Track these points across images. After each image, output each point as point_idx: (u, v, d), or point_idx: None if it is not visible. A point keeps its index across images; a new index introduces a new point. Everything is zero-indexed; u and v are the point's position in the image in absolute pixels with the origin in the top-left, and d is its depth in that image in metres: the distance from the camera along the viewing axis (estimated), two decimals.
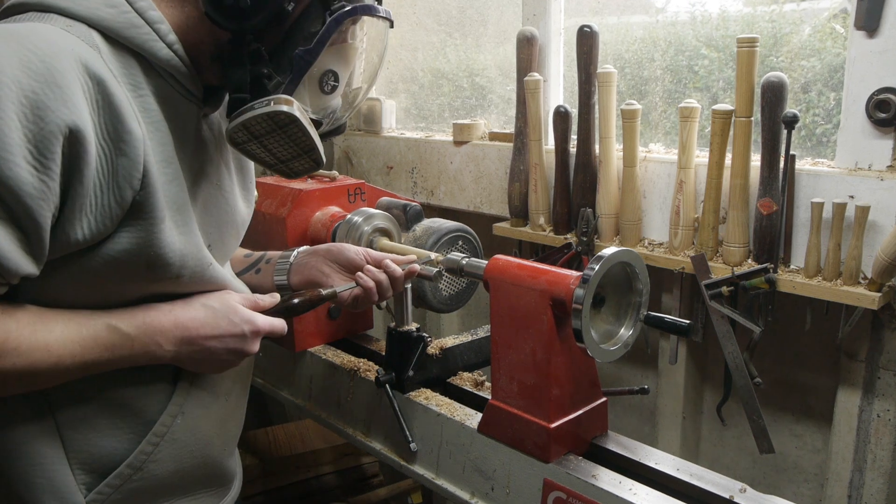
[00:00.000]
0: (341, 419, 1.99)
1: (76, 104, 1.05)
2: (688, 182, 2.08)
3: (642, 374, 2.49)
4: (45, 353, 1.13)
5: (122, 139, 1.11)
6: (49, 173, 1.04)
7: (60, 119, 1.03)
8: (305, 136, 1.27)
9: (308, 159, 1.32)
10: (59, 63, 1.05)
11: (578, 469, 1.45)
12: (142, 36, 1.17)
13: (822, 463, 2.13)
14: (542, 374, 1.46)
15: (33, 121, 1.02)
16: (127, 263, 1.17)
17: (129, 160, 1.12)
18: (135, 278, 1.21)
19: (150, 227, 1.17)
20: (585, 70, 2.27)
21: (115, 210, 1.13)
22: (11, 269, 1.06)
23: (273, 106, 1.22)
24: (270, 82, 1.25)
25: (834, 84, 2.00)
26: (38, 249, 1.09)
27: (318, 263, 1.65)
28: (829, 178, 1.90)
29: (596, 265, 1.36)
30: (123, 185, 1.12)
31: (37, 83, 1.03)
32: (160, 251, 1.19)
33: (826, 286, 1.86)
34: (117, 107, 1.10)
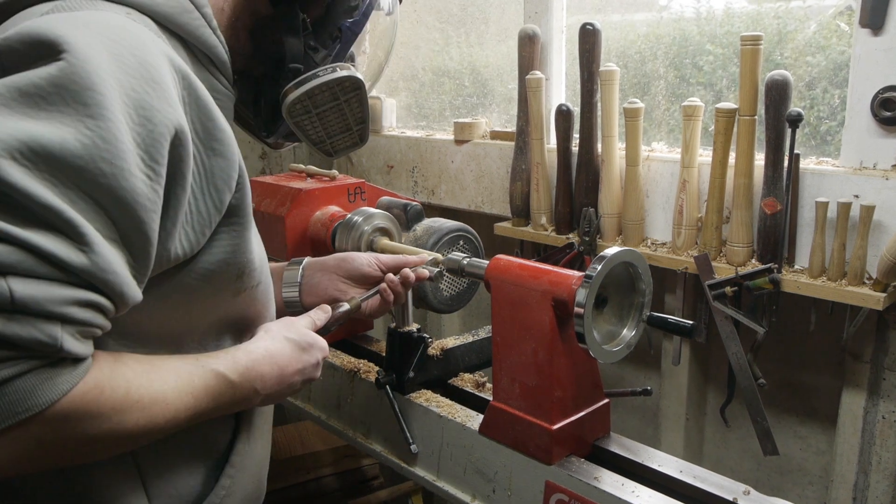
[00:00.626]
0: (341, 421, 1.99)
1: (175, 102, 0.95)
2: (691, 181, 2.08)
3: (645, 375, 2.49)
4: (164, 407, 1.01)
5: (214, 138, 1.02)
6: (160, 180, 0.93)
7: (168, 119, 0.93)
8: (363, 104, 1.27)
9: (355, 134, 1.31)
10: (151, 56, 0.95)
11: (581, 471, 1.45)
12: (194, 21, 1.09)
13: (827, 465, 2.12)
14: (543, 375, 1.46)
15: (140, 122, 0.91)
16: (221, 275, 1.10)
17: (225, 160, 1.03)
18: (223, 292, 1.14)
19: (244, 231, 1.10)
20: (588, 68, 2.27)
21: (213, 216, 1.04)
22: (129, 299, 0.93)
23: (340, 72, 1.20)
24: (317, 55, 1.23)
25: (839, 82, 2.00)
26: (144, 273, 0.96)
27: (334, 282, 1.62)
28: (834, 178, 1.90)
29: (598, 265, 1.36)
30: (222, 187, 1.03)
31: (134, 80, 0.91)
32: (251, 255, 1.13)
33: (830, 286, 1.86)
34: (205, 103, 1.01)
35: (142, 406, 0.98)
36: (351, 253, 1.68)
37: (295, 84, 1.20)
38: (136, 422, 0.97)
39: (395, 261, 1.64)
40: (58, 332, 0.86)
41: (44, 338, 0.84)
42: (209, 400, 1.10)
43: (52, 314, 0.85)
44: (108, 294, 0.90)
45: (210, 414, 1.12)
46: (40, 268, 0.84)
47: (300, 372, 1.28)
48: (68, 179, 0.85)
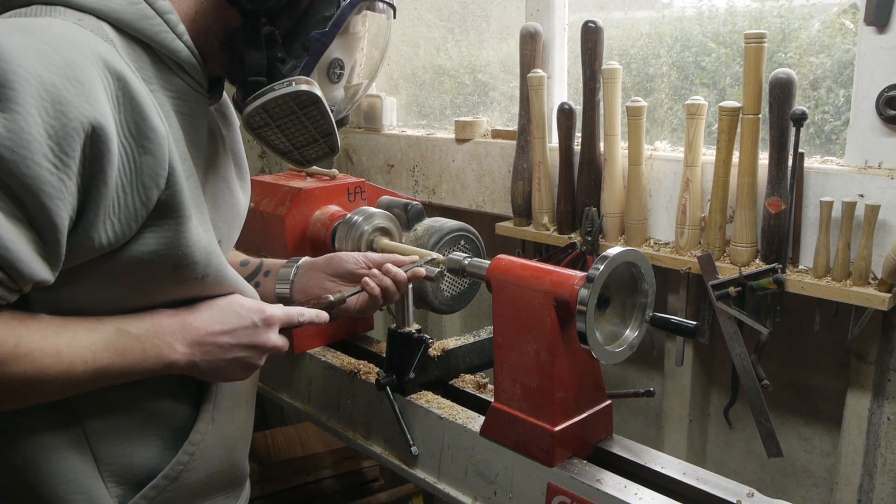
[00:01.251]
0: (341, 422, 1.99)
1: (98, 100, 1.02)
2: (694, 180, 2.08)
3: (648, 376, 2.49)
4: (56, 359, 1.09)
5: (145, 136, 1.08)
6: (68, 172, 1.00)
7: (83, 115, 1.00)
8: (325, 118, 1.28)
9: (324, 144, 1.32)
10: (79, 58, 1.02)
11: (583, 473, 1.45)
12: (154, 27, 1.15)
13: (832, 467, 2.12)
14: (545, 376, 1.46)
15: (55, 116, 0.98)
16: (153, 265, 1.15)
17: (154, 158, 1.09)
18: (161, 280, 1.19)
19: (178, 226, 1.15)
20: (590, 66, 2.27)
21: (140, 211, 1.10)
22: (26, 275, 1.01)
23: (295, 86, 1.23)
24: (285, 66, 1.25)
25: (843, 80, 2.00)
26: (54, 253, 1.04)
27: (320, 280, 1.65)
28: (839, 177, 1.90)
29: (601, 265, 1.36)
30: (149, 184, 1.09)
31: (57, 77, 0.99)
32: (187, 250, 1.17)
33: (835, 287, 1.86)
34: (139, 103, 1.07)
35: (31, 359, 1.06)
36: (340, 252, 1.71)
37: (253, 97, 1.24)
38: (24, 371, 1.05)
39: (382, 258, 1.66)
40: None
41: None
42: (112, 355, 1.15)
43: None
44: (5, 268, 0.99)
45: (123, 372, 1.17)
46: None
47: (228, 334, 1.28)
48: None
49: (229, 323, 1.29)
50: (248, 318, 1.31)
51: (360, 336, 2.22)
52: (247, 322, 1.30)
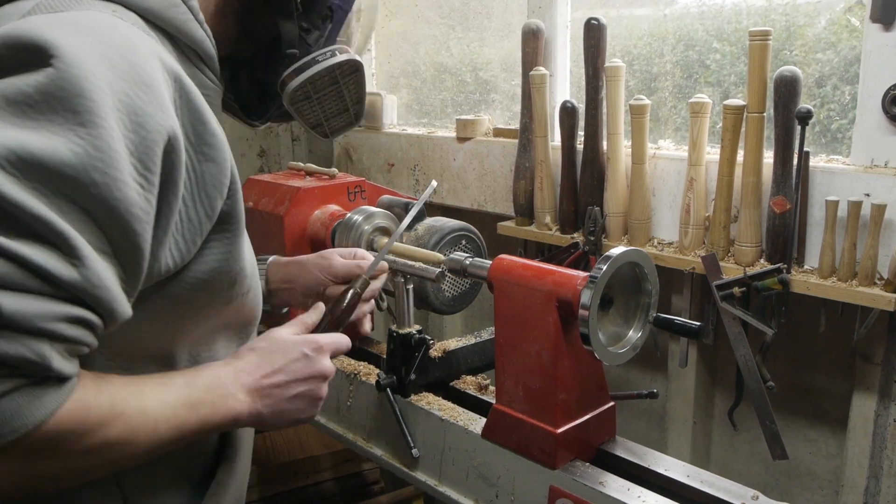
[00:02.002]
0: (341, 424, 1.99)
1: (168, 107, 0.93)
2: (698, 180, 2.08)
3: (651, 377, 2.49)
4: (143, 418, 0.98)
5: (206, 143, 0.99)
6: (153, 190, 0.90)
7: (161, 125, 0.90)
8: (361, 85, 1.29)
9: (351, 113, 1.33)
10: (142, 59, 0.92)
11: (585, 476, 1.45)
12: (181, 16, 1.06)
13: (837, 469, 2.12)
14: (548, 377, 1.46)
15: (133, 129, 0.88)
16: (214, 284, 1.07)
17: (216, 166, 1.00)
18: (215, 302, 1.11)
19: (236, 238, 1.08)
20: (593, 64, 2.27)
21: (204, 224, 1.01)
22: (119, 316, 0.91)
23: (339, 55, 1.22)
24: (310, 36, 1.24)
25: (849, 78, 2.00)
26: (135, 284, 0.94)
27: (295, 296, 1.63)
28: (845, 176, 1.89)
29: (603, 265, 1.36)
30: (213, 194, 1.01)
31: (127, 84, 0.89)
32: (243, 264, 1.11)
33: (841, 287, 1.86)
34: (197, 106, 0.99)
35: (125, 418, 0.96)
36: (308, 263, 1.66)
37: (295, 71, 1.21)
38: (118, 434, 0.95)
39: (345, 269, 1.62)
40: (46, 350, 0.83)
41: (31, 356, 0.82)
42: (188, 410, 1.06)
43: (41, 331, 0.83)
44: (98, 310, 0.88)
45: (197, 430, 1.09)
46: (29, 281, 0.81)
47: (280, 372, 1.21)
48: (59, 190, 0.83)
49: (278, 362, 1.21)
50: (297, 350, 1.24)
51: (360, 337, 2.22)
52: (297, 355, 1.24)
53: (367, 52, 3.35)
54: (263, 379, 1.18)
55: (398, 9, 3.25)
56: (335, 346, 1.30)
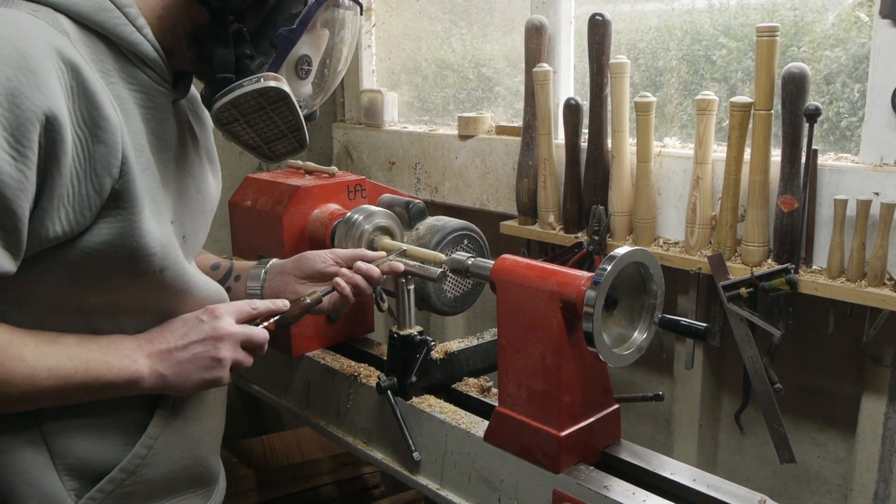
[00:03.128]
0: (341, 427, 1.99)
1: (51, 90, 1.07)
2: (705, 178, 2.08)
3: (657, 379, 2.49)
4: (20, 363, 1.14)
5: (98, 126, 1.13)
6: (27, 162, 1.06)
7: (36, 105, 1.05)
8: (294, 113, 1.33)
9: (293, 140, 1.38)
10: (32, 49, 1.06)
11: (590, 479, 1.45)
12: (111, 20, 1.19)
13: (846, 473, 2.13)
14: (551, 379, 1.46)
15: (8, 108, 1.03)
16: (108, 255, 1.19)
17: (106, 147, 1.14)
18: (118, 273, 1.23)
19: (131, 216, 1.19)
20: (597, 61, 2.27)
21: (93, 200, 1.15)
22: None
23: (263, 82, 1.27)
24: (253, 63, 1.31)
25: (858, 75, 2.00)
26: (16, 245, 1.09)
27: (291, 284, 1.69)
28: (853, 174, 1.90)
29: (608, 265, 1.37)
30: (102, 173, 1.14)
31: (10, 69, 1.03)
32: (142, 241, 1.21)
33: (850, 287, 1.86)
34: (92, 93, 1.12)
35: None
36: (308, 252, 1.73)
37: (221, 94, 1.28)
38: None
39: (352, 254, 1.70)
40: None
41: None
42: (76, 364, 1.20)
43: None
44: None
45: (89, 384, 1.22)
46: None
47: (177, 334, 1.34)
48: None
49: (175, 329, 1.35)
50: (192, 317, 1.37)
51: (360, 338, 2.22)
52: (191, 319, 1.36)
53: (367, 49, 3.36)
54: (161, 343, 1.32)
55: (399, 4, 3.26)
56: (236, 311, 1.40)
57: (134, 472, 1.33)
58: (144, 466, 1.34)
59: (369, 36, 3.36)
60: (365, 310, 2.22)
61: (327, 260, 1.68)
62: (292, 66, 1.37)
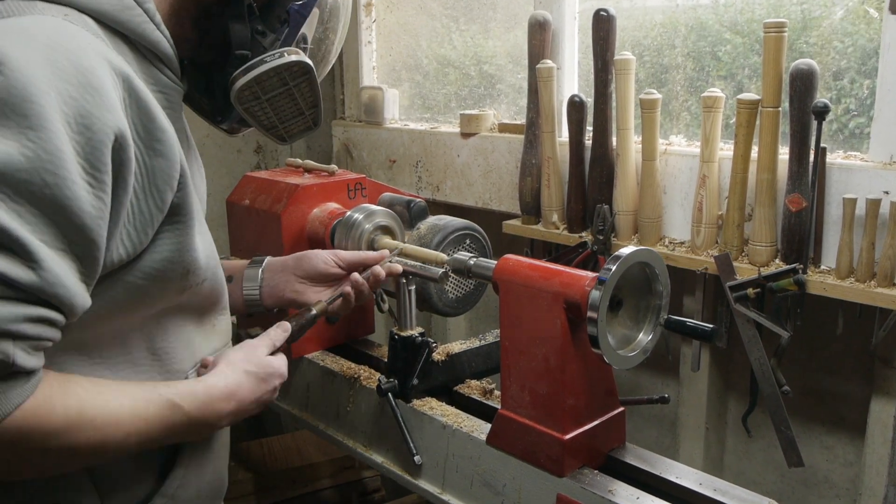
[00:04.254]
0: (341, 430, 1.99)
1: (115, 107, 1.01)
2: (711, 177, 2.08)
3: (662, 382, 2.49)
4: (116, 428, 1.09)
5: (155, 138, 1.08)
6: (104, 188, 1.00)
7: (108, 126, 0.99)
8: (314, 89, 1.33)
9: (308, 117, 1.38)
10: (88, 61, 1.00)
11: (594, 483, 1.45)
12: (135, 18, 1.15)
13: (855, 477, 2.13)
14: (555, 382, 1.46)
15: (79, 131, 0.97)
16: (166, 273, 1.16)
17: (166, 161, 1.10)
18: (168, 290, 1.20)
19: (188, 229, 1.17)
20: (602, 57, 2.27)
21: (155, 217, 1.11)
22: (79, 309, 1.01)
23: (287, 57, 1.27)
24: (265, 39, 1.29)
25: (868, 72, 2.00)
26: (93, 274, 1.04)
27: (290, 282, 1.70)
28: (863, 173, 1.89)
29: (613, 265, 1.37)
30: (163, 187, 1.10)
31: (72, 87, 0.97)
32: (196, 254, 1.20)
33: (859, 288, 1.86)
34: (146, 104, 1.08)
35: (95, 425, 1.05)
36: (309, 251, 1.74)
37: (242, 71, 1.27)
38: (87, 440, 1.05)
39: (355, 256, 1.72)
40: (10, 349, 0.93)
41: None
42: (162, 428, 1.17)
43: (4, 332, 0.92)
44: (58, 307, 0.98)
45: (161, 442, 1.20)
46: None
47: (256, 402, 1.36)
48: (14, 193, 0.92)
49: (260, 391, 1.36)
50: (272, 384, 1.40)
51: (360, 340, 2.22)
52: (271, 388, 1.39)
53: (367, 45, 3.36)
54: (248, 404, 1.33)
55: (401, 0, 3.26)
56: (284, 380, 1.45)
57: (173, 495, 1.31)
58: (181, 488, 1.33)
59: (369, 32, 3.36)
60: (365, 311, 2.22)
61: (329, 261, 1.69)
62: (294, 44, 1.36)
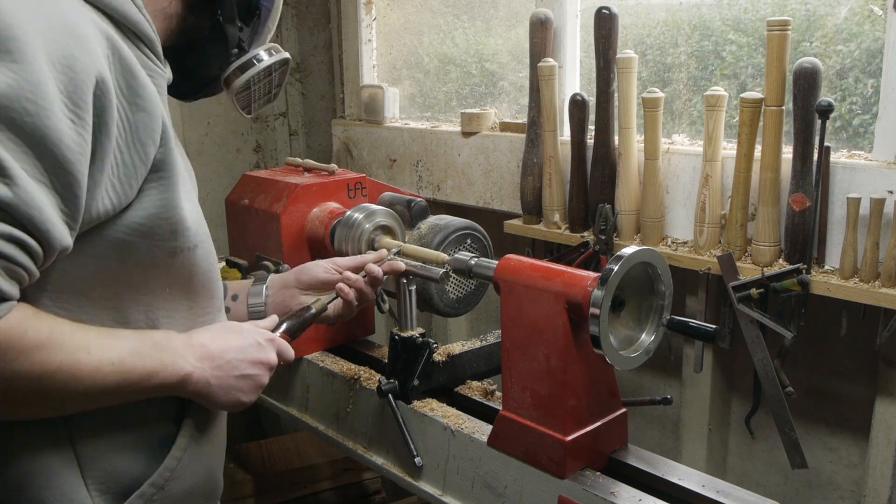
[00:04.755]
0: (341, 432, 2.00)
1: (97, 54, 1.07)
2: (714, 176, 2.08)
3: (665, 383, 2.49)
4: (86, 354, 1.11)
5: (137, 94, 1.13)
6: (85, 125, 1.04)
7: (90, 67, 1.04)
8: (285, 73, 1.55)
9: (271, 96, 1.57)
10: (74, 16, 1.06)
11: (596, 485, 1.45)
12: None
13: (859, 479, 2.13)
14: (557, 383, 1.46)
15: (62, 71, 1.02)
16: (152, 230, 1.18)
17: (147, 115, 1.14)
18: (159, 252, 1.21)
19: (173, 185, 1.20)
20: (604, 55, 2.27)
21: (139, 169, 1.14)
22: (56, 242, 1.03)
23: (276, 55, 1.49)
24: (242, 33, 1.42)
25: (872, 70, 2.00)
26: (75, 216, 1.06)
27: (296, 296, 1.71)
28: (867, 172, 1.90)
29: (615, 265, 1.37)
30: (146, 140, 1.14)
31: (59, 34, 1.03)
32: (182, 213, 1.22)
33: (863, 288, 1.86)
34: (128, 61, 1.12)
35: (65, 350, 1.08)
36: (307, 263, 1.76)
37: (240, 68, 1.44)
38: (59, 363, 1.07)
39: (353, 261, 1.73)
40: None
41: None
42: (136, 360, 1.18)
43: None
44: (34, 232, 1.00)
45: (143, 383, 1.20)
46: None
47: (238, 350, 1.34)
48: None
49: (233, 341, 1.35)
50: (252, 337, 1.38)
51: (360, 340, 2.22)
52: (251, 340, 1.37)
53: (367, 43, 3.36)
54: (217, 351, 1.31)
55: None
56: (282, 346, 1.45)
57: (163, 486, 1.31)
58: (172, 480, 1.33)
59: (370, 30, 3.36)
60: (365, 311, 2.22)
61: (329, 269, 1.70)
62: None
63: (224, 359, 1.32)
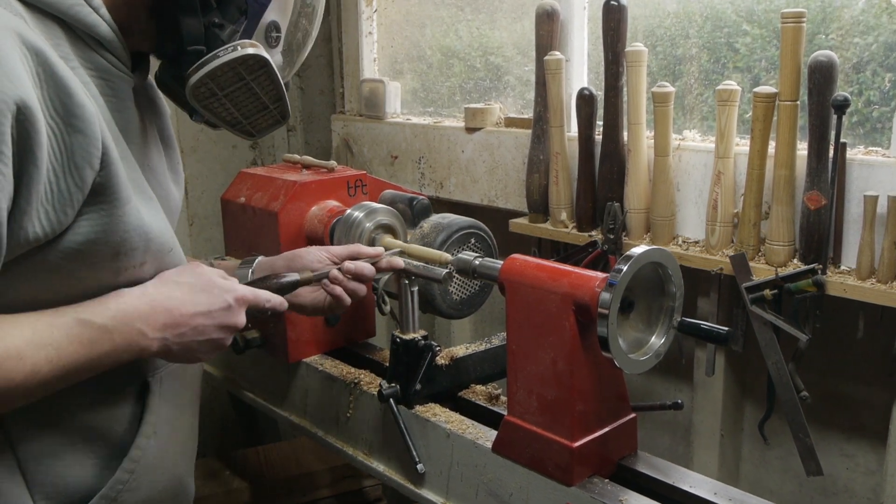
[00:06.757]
0: (340, 437, 2.00)
1: (19, 77, 1.03)
2: (726, 173, 2.08)
3: (676, 387, 2.49)
4: (18, 362, 1.09)
5: (73, 114, 1.10)
6: (3, 159, 1.02)
7: (6, 95, 1.01)
8: (275, 82, 1.33)
9: (275, 111, 1.38)
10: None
11: (604, 493, 1.45)
12: (66, 1, 1.16)
13: (877, 486, 2.13)
14: (564, 387, 1.47)
15: None
16: (91, 254, 1.17)
17: (84, 137, 1.11)
18: (98, 271, 1.20)
19: (115, 210, 1.17)
20: (612, 48, 2.27)
21: (75, 195, 1.12)
22: None
23: (241, 50, 1.26)
24: (223, 31, 1.29)
25: (890, 64, 2.00)
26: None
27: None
28: (885, 169, 1.90)
29: (624, 266, 1.37)
30: (82, 164, 1.11)
31: None
32: (126, 236, 1.19)
33: (880, 289, 1.86)
34: (62, 79, 1.09)
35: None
36: (301, 249, 1.73)
37: (196, 67, 1.27)
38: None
39: (347, 250, 1.69)
40: None
41: None
42: (78, 348, 1.16)
43: None
44: None
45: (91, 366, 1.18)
46: None
47: (206, 315, 1.31)
48: None
49: (202, 304, 1.31)
50: (222, 298, 1.34)
51: (360, 343, 2.23)
52: (221, 303, 1.33)
53: (368, 36, 3.36)
54: (182, 318, 1.28)
55: None
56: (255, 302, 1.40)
57: (115, 498, 1.30)
58: (126, 492, 1.31)
59: (370, 22, 3.36)
60: (366, 313, 2.23)
61: (322, 258, 1.67)
62: (262, 34, 1.35)
63: (190, 325, 1.28)
